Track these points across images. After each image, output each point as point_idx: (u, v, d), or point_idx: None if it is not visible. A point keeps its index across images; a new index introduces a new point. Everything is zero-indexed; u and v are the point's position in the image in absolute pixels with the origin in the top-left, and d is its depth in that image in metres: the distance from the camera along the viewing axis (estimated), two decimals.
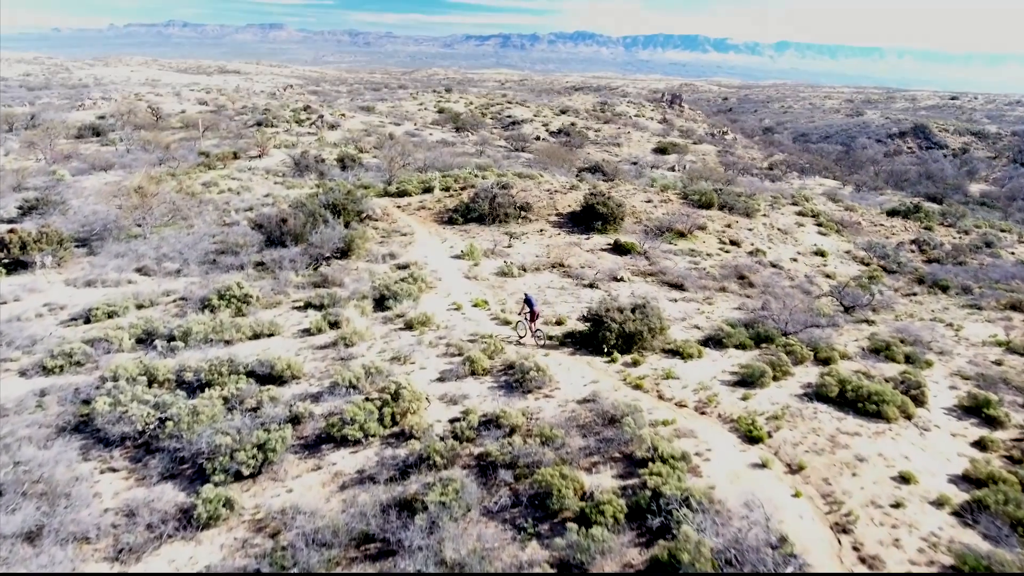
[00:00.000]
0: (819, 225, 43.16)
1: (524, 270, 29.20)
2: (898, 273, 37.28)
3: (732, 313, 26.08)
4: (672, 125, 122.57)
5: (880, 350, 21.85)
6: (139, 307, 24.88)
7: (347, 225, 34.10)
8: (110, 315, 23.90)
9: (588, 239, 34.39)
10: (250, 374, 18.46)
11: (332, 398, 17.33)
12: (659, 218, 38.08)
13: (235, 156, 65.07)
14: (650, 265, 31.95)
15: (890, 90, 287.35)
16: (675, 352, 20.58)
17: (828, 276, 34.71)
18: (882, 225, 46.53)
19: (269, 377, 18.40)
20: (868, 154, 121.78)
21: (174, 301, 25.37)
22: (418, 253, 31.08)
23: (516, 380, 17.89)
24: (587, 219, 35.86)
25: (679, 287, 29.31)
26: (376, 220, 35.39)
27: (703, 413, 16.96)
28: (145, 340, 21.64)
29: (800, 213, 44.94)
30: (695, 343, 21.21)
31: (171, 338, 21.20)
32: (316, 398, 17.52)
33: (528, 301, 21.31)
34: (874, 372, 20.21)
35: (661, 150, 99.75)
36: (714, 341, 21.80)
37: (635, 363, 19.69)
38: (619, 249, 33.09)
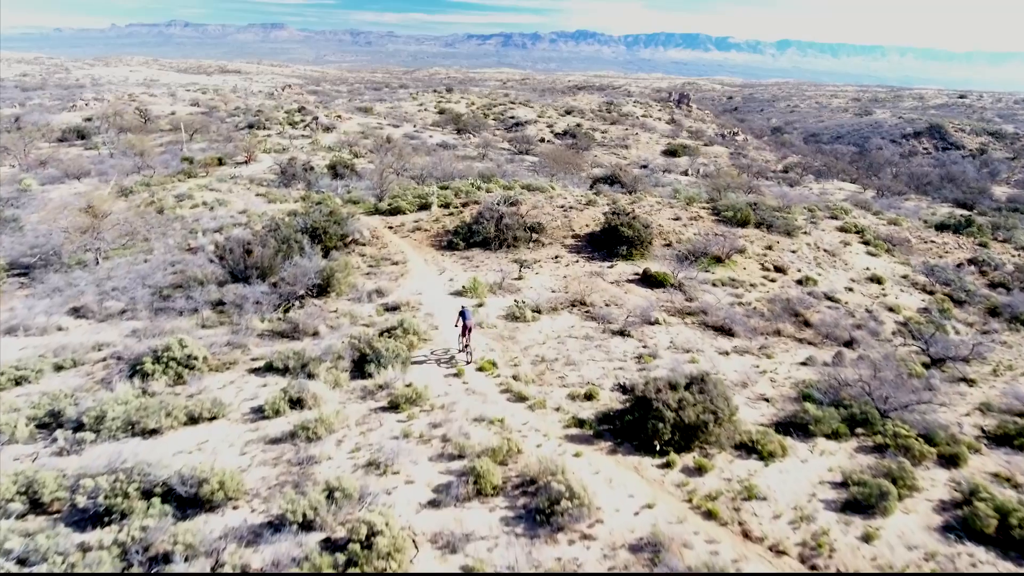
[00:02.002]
0: (866, 244, 37.70)
1: (539, 312, 23.75)
2: (967, 303, 31.88)
3: (801, 372, 20.66)
4: (680, 126, 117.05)
5: (1011, 437, 16.46)
6: (58, 368, 19.49)
7: (328, 253, 28.69)
8: (18, 381, 18.57)
9: (612, 267, 28.95)
10: (168, 494, 13.06)
11: (278, 539, 11.93)
12: (691, 239, 32.63)
13: (220, 162, 59.81)
14: (687, 301, 26.52)
15: (894, 88, 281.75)
16: (750, 448, 15.12)
17: (891, 310, 29.26)
18: (932, 242, 41.03)
19: (195, 499, 13.02)
20: (884, 155, 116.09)
21: (104, 360, 19.97)
22: (411, 289, 25.66)
23: (541, 510, 12.46)
24: (609, 242, 30.42)
25: (727, 332, 23.86)
26: (363, 245, 29.97)
27: (813, 567, 11.57)
28: (49, 424, 16.30)
29: (843, 229, 39.46)
30: (773, 432, 15.79)
31: (79, 426, 15.83)
32: (255, 537, 12.10)
33: (463, 314, 19.98)
34: (1019, 476, 14.84)
35: (671, 152, 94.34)
36: (795, 426, 16.37)
37: (700, 469, 14.23)
38: (649, 280, 27.66)
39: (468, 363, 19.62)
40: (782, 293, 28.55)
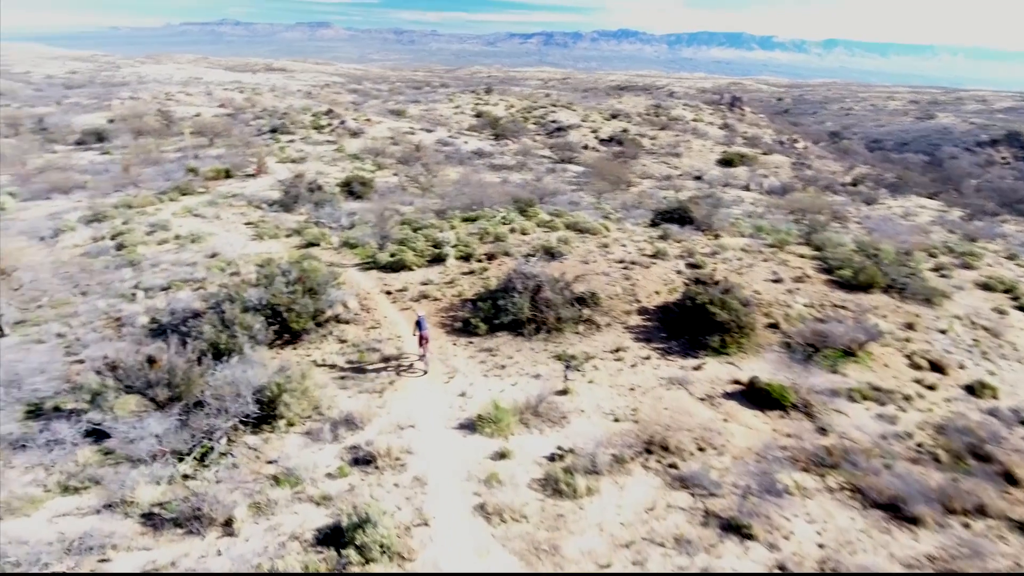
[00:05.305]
0: (1022, 309, 27.39)
1: (596, 472, 14.42)
2: None
3: None
4: (735, 131, 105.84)
5: None
6: None
7: (294, 337, 19.80)
8: None
9: (699, 368, 19.36)
10: None
11: None
12: (802, 315, 22.87)
13: (227, 175, 51.74)
14: (820, 434, 16.87)
15: (950, 90, 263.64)
16: None
17: None
18: None
19: None
20: (960, 166, 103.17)
21: None
22: (401, 414, 16.46)
23: None
24: (691, 323, 20.84)
25: (902, 514, 14.20)
26: (347, 323, 20.97)
27: None
28: None
29: (986, 286, 29.17)
30: None
31: None
32: None
33: (420, 324, 18.56)
34: None
35: (727, 162, 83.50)
36: None
37: None
38: (756, 395, 18.06)
39: (425, 372, 18.65)
40: (955, 416, 18.65)
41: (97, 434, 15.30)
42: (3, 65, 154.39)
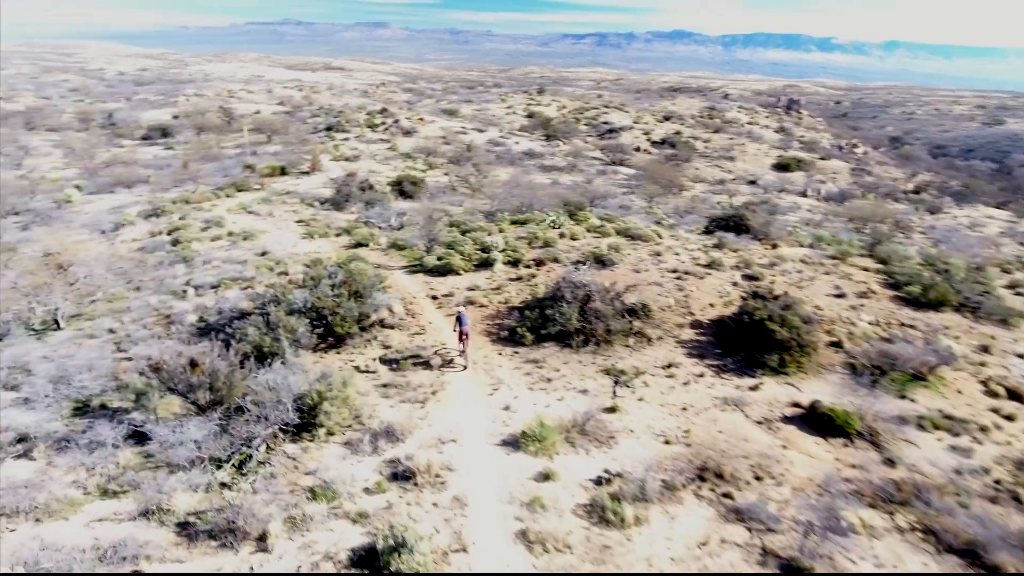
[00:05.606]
0: None
1: (645, 499, 13.47)
2: None
3: None
4: (791, 135, 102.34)
5: None
6: None
7: (338, 341, 19.37)
8: None
9: (756, 388, 18.13)
10: None
11: None
12: (866, 332, 21.34)
13: (282, 172, 52.30)
14: (887, 466, 15.51)
15: (1017, 94, 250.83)
16: None
17: None
18: None
19: None
20: None
21: None
22: (443, 427, 15.80)
23: None
24: (748, 340, 19.61)
25: (983, 563, 12.83)
26: (391, 328, 20.43)
27: None
28: None
29: None
30: None
31: None
32: None
33: (460, 320, 18.52)
34: None
35: (783, 166, 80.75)
36: None
37: None
38: (818, 420, 16.76)
39: (465, 367, 18.57)
40: None
41: (139, 436, 15.08)
42: (79, 62, 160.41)
